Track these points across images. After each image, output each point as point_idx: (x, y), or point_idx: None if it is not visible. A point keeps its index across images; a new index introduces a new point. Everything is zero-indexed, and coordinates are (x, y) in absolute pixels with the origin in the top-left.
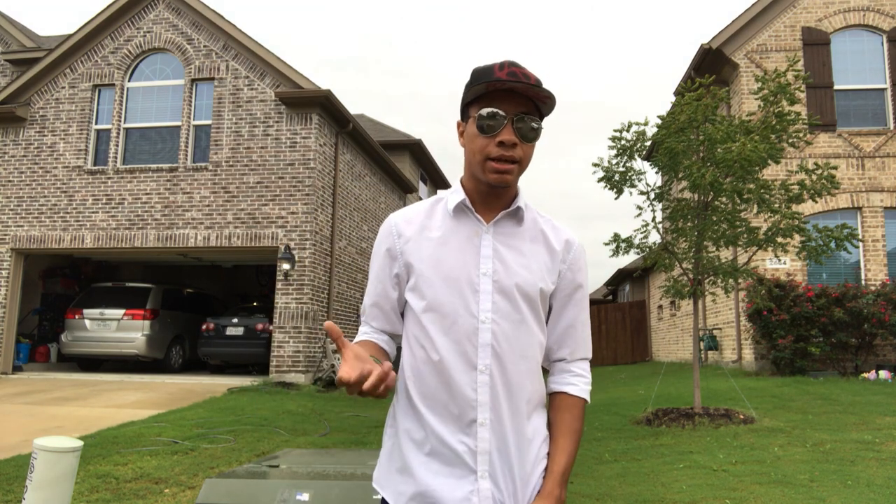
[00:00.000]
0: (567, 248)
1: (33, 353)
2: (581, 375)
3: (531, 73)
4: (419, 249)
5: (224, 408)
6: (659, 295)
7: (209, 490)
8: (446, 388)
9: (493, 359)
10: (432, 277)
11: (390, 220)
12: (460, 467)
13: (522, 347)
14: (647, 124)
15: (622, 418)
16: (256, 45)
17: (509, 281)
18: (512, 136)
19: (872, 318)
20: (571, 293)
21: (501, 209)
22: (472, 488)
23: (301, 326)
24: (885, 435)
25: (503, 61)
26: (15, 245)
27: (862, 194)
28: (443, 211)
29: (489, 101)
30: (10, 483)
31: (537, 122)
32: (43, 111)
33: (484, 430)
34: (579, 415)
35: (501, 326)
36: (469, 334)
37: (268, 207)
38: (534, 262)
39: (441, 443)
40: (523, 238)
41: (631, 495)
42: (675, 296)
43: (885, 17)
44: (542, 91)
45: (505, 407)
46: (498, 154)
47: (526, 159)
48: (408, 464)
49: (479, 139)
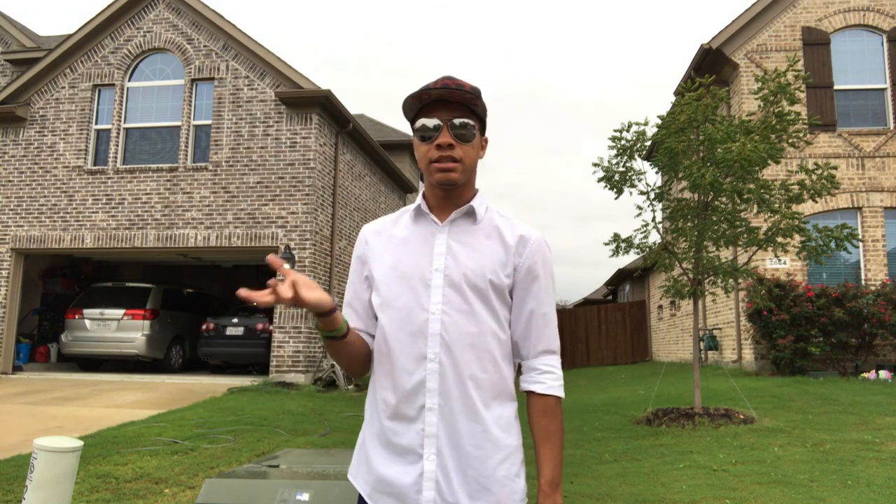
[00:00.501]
0: (522, 242)
1: (33, 353)
2: (548, 372)
3: (465, 83)
4: (382, 254)
5: (224, 408)
6: (659, 295)
7: (209, 490)
8: (401, 378)
9: (441, 348)
10: (389, 276)
11: (362, 230)
12: (411, 454)
13: (472, 337)
14: (647, 124)
15: (622, 418)
16: (256, 45)
17: (458, 274)
18: (448, 138)
19: (872, 318)
20: (528, 286)
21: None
22: (421, 471)
23: (301, 326)
24: (885, 435)
25: (439, 77)
26: (15, 245)
27: (862, 194)
28: (407, 218)
29: (426, 113)
30: (10, 483)
31: (470, 124)
32: (43, 111)
33: (432, 415)
34: (554, 415)
35: (451, 317)
36: (421, 326)
37: (268, 207)
38: (485, 257)
39: (394, 433)
40: (477, 235)
41: (631, 495)
42: (675, 296)
43: (885, 17)
44: (467, 94)
45: (455, 394)
46: (438, 156)
47: (467, 158)
48: (370, 455)
49: (421, 147)
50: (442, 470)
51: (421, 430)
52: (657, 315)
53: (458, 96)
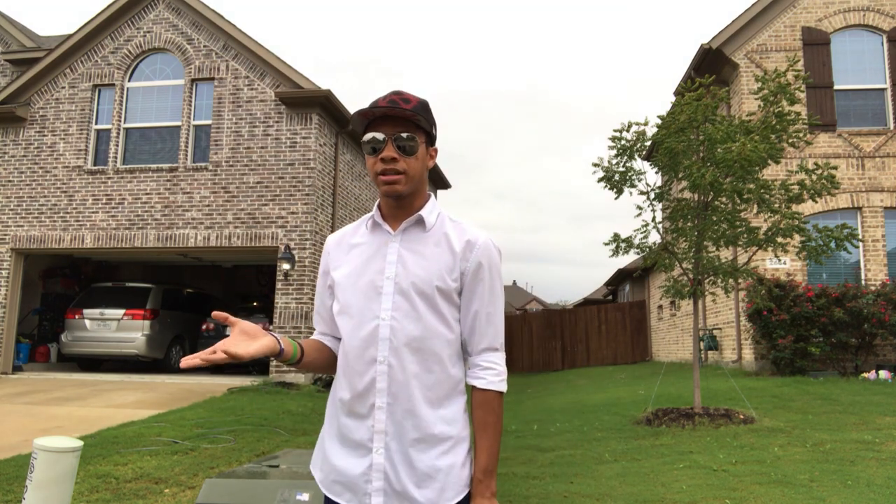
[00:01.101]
0: (468, 247)
1: (33, 353)
2: (489, 368)
3: (413, 97)
4: (341, 264)
5: (224, 408)
6: (659, 295)
7: (209, 490)
8: (355, 379)
9: (390, 351)
10: (346, 285)
11: (326, 241)
12: (361, 448)
13: (418, 340)
14: (647, 124)
15: (622, 418)
16: (256, 45)
17: (407, 281)
18: (391, 152)
19: (872, 318)
20: (474, 288)
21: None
22: (370, 463)
23: (301, 326)
24: (885, 435)
25: (388, 92)
26: (15, 245)
27: (862, 194)
28: (364, 227)
29: (373, 128)
30: (10, 483)
31: (412, 138)
32: (43, 111)
33: (381, 413)
34: (492, 408)
35: (400, 323)
36: (372, 332)
37: (268, 207)
38: (433, 264)
39: (348, 429)
40: (427, 243)
41: (631, 495)
42: (675, 296)
43: (885, 17)
44: (407, 112)
45: (402, 393)
46: (383, 168)
47: (412, 170)
48: (326, 448)
49: (369, 160)
50: (390, 462)
51: (371, 426)
52: (657, 315)
53: (400, 112)
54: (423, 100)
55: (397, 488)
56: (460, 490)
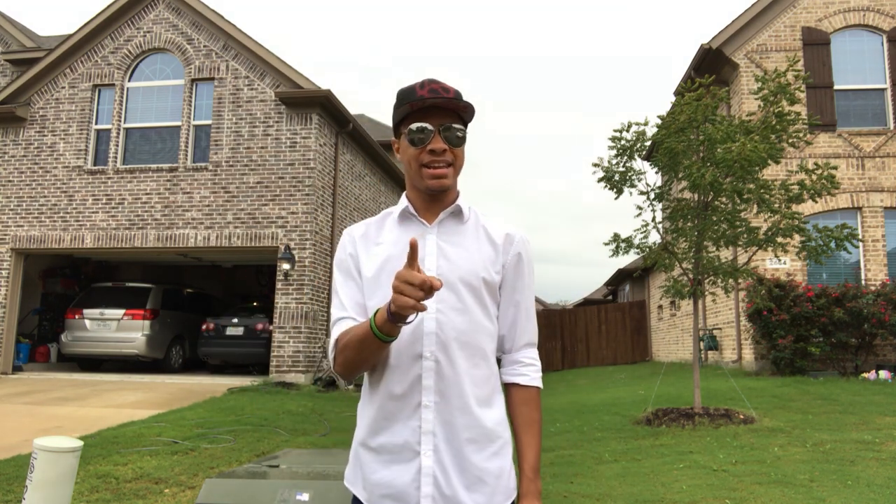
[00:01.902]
0: (508, 240)
1: (33, 353)
2: (530, 364)
3: (450, 87)
4: (372, 257)
5: (224, 408)
6: (659, 295)
7: (209, 490)
8: (398, 377)
9: (437, 346)
10: (381, 280)
11: (347, 232)
12: (407, 452)
13: (467, 335)
14: (647, 124)
15: (622, 418)
16: (256, 45)
17: (453, 274)
18: (441, 143)
19: (872, 318)
20: (515, 282)
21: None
22: (419, 467)
23: (301, 326)
24: (885, 435)
25: (424, 80)
26: (15, 245)
27: (862, 194)
28: (391, 221)
29: (417, 118)
30: (10, 483)
31: (461, 129)
32: (43, 111)
33: (428, 412)
34: (536, 405)
35: (447, 316)
36: (416, 326)
37: (268, 207)
38: (477, 255)
39: (391, 432)
40: (465, 234)
41: (631, 495)
42: (675, 296)
43: (885, 17)
44: (461, 103)
45: (450, 391)
46: (430, 160)
47: (458, 162)
48: (365, 460)
49: (411, 150)
50: (439, 465)
51: (417, 427)
52: (657, 315)
53: (452, 105)
54: (458, 90)
55: (447, 493)
56: (509, 494)
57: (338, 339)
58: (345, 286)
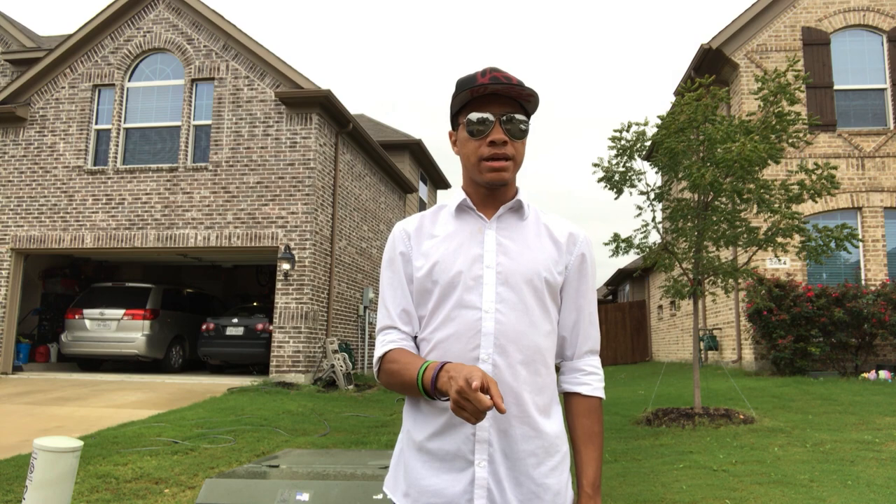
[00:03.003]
0: (572, 240)
1: (33, 353)
2: (593, 373)
3: (512, 76)
4: (426, 252)
5: (224, 408)
6: (659, 295)
7: (209, 490)
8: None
9: (495, 348)
10: (428, 286)
11: (399, 226)
12: (459, 461)
13: (527, 337)
14: (647, 124)
15: (622, 418)
16: (256, 45)
17: (513, 271)
18: (501, 135)
19: (872, 318)
20: (578, 284)
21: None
22: (472, 478)
23: (301, 326)
24: (885, 435)
25: (485, 68)
26: (15, 245)
27: (862, 194)
28: (447, 214)
29: (476, 107)
30: (10, 483)
31: (524, 120)
32: (43, 111)
33: (483, 420)
34: (598, 417)
35: (506, 316)
36: (472, 325)
37: (268, 207)
38: (539, 254)
39: (441, 439)
40: (526, 232)
41: (631, 495)
42: (675, 296)
43: (885, 17)
44: (525, 90)
45: (509, 397)
46: (491, 153)
47: (519, 156)
48: (410, 465)
49: (470, 143)
50: (494, 477)
51: (471, 435)
52: (657, 315)
53: (514, 92)
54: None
55: None
56: None
57: (383, 359)
58: (392, 290)
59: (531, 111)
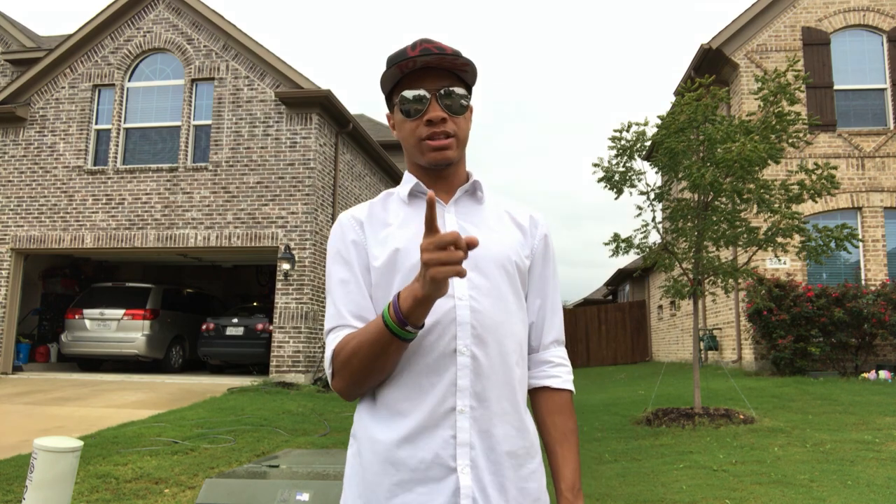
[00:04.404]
0: (534, 223)
1: (33, 353)
2: (561, 364)
3: (446, 45)
4: (383, 240)
5: (224, 408)
6: (659, 295)
7: (209, 490)
8: (424, 378)
9: (472, 339)
10: (391, 279)
11: (346, 214)
12: (437, 469)
13: (506, 326)
14: (647, 124)
15: (622, 418)
16: (256, 45)
17: (482, 256)
18: (439, 111)
19: (872, 318)
20: (543, 269)
21: (456, 191)
22: (455, 487)
23: (301, 326)
24: (885, 435)
25: (415, 41)
26: (15, 245)
27: (862, 194)
28: (397, 201)
29: (409, 84)
30: (10, 483)
31: (464, 94)
32: (43, 111)
33: (464, 419)
34: (570, 411)
35: (481, 304)
36: (446, 314)
37: (268, 207)
38: (505, 237)
39: (413, 446)
40: (486, 215)
41: (631, 495)
42: (675, 296)
43: (885, 17)
44: (460, 59)
45: (490, 393)
46: (429, 133)
47: (462, 133)
48: (374, 482)
49: (407, 124)
50: (478, 484)
51: (451, 437)
52: (657, 315)
53: (448, 62)
54: (456, 49)
55: None
56: None
57: (336, 352)
58: (344, 285)
59: (470, 83)
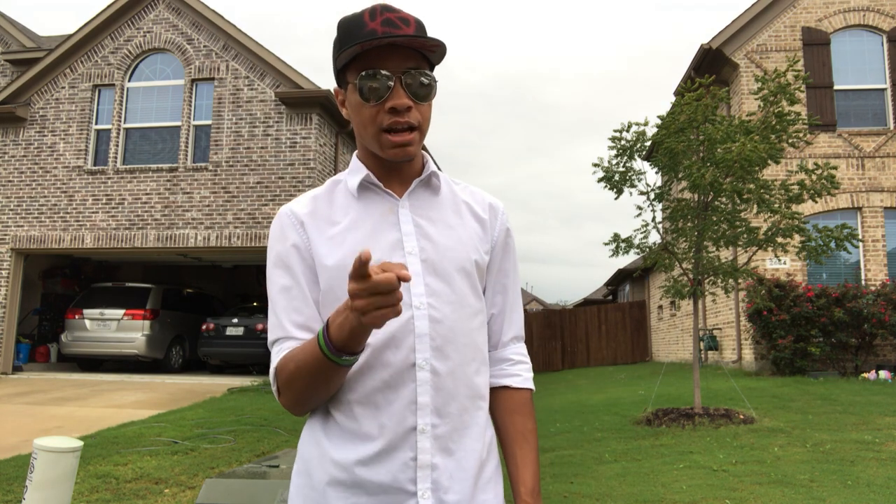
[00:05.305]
0: (493, 213)
1: (33, 353)
2: (521, 362)
3: (410, 16)
4: (326, 243)
5: (224, 408)
6: (659, 295)
7: (209, 490)
8: (378, 397)
9: (432, 352)
10: (346, 272)
11: (285, 211)
12: (395, 493)
13: (466, 335)
14: (647, 124)
15: (622, 418)
16: (256, 45)
17: (440, 258)
18: (405, 99)
19: (872, 318)
20: (503, 262)
21: (411, 181)
22: None
23: None
24: (885, 435)
25: (374, 6)
26: (15, 245)
27: (862, 194)
28: (345, 194)
29: (368, 61)
30: (10, 483)
31: (429, 77)
32: (43, 111)
33: (425, 439)
34: (530, 411)
35: (440, 312)
36: (402, 326)
37: (268, 207)
38: (463, 233)
39: (370, 468)
40: (444, 209)
41: (631, 495)
42: (675, 296)
43: (885, 17)
44: (429, 41)
45: (452, 408)
46: (391, 122)
47: (425, 123)
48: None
49: (365, 109)
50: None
51: (411, 460)
52: (657, 315)
53: (418, 43)
54: (419, 18)
55: None
56: None
57: (278, 369)
58: (286, 293)
59: (435, 62)
